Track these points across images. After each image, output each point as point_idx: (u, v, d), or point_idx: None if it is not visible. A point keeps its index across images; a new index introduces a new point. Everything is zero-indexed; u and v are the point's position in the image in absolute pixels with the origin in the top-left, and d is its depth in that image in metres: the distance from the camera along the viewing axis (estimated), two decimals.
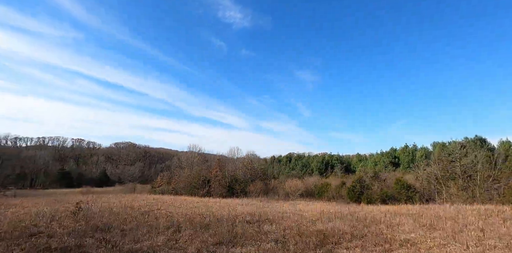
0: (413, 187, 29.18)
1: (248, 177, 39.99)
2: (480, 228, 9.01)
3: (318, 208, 18.63)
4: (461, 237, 7.81)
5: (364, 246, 7.17)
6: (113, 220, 9.91)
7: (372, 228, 9.45)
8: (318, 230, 9.03)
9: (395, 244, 7.35)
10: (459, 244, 7.12)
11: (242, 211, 14.95)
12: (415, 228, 9.39)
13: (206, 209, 16.49)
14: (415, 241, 7.67)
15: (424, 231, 8.84)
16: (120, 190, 45.81)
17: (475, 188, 25.67)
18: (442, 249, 6.82)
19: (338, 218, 11.81)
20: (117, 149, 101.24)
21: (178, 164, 48.95)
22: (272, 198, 34.09)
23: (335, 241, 7.69)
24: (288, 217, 12.46)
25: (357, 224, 10.36)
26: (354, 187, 30.42)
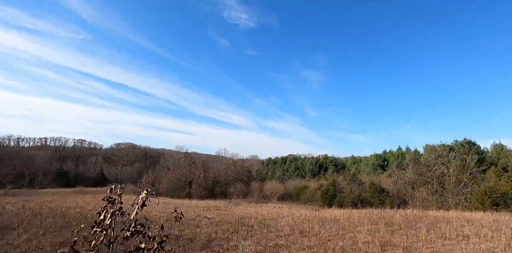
0: (386, 191, 28.81)
1: (230, 178, 40.13)
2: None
3: (267, 212, 18.71)
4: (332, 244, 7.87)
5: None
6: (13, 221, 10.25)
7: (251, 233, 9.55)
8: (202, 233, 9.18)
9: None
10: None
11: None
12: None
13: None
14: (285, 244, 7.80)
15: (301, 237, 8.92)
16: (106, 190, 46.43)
17: (444, 193, 25.19)
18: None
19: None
20: (117, 150, 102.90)
21: (164, 165, 49.55)
22: (251, 200, 34.17)
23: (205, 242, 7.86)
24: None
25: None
26: (328, 191, 30.21)
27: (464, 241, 8.38)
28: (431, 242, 8.21)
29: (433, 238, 8.66)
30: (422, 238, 8.59)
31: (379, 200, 28.22)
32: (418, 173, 29.66)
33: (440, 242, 8.17)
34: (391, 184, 30.46)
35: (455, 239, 8.58)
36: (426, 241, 8.23)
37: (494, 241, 8.18)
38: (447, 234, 9.15)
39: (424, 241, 8.29)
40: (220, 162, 44.40)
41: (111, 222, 2.61)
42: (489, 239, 8.44)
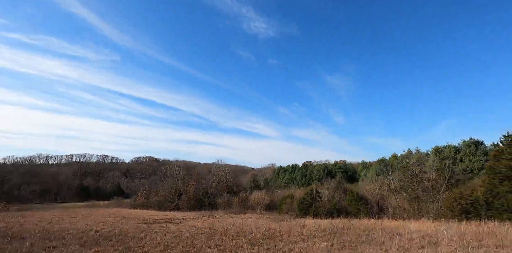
0: (365, 199, 27.08)
1: (219, 189, 40.21)
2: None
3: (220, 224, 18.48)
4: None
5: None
6: None
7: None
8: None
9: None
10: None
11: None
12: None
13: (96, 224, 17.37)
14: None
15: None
16: (108, 204, 48.77)
17: (420, 200, 23.12)
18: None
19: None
20: (137, 164, 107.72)
21: (160, 177, 50.94)
22: (237, 210, 33.84)
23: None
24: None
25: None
26: (304, 200, 29.10)
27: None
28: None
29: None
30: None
31: (356, 209, 26.58)
32: (401, 179, 27.65)
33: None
34: (371, 191, 28.57)
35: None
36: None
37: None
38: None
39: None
40: (212, 173, 44.70)
41: None
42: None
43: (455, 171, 36.41)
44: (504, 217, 17.36)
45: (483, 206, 18.40)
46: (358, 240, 9.45)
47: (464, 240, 8.91)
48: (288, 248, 8.40)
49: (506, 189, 17.61)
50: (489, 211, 18.17)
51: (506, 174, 18.41)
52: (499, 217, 17.60)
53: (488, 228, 12.95)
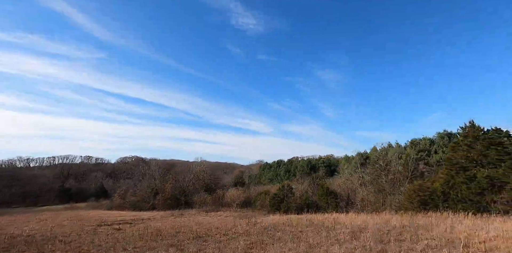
0: (335, 193, 27.05)
1: (197, 187, 39.75)
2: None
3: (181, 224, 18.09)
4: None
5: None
6: None
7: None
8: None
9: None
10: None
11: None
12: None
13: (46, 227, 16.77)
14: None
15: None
16: (85, 206, 47.84)
17: (385, 193, 23.18)
18: None
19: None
20: (123, 164, 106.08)
21: (138, 177, 50.24)
22: (211, 208, 33.49)
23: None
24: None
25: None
26: (276, 195, 28.93)
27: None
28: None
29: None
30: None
31: (325, 203, 26.56)
32: (371, 173, 27.71)
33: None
34: (341, 185, 28.61)
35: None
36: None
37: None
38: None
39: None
40: (190, 171, 44.11)
41: None
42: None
43: (430, 163, 36.96)
44: (458, 208, 17.49)
45: (440, 197, 18.48)
46: (283, 237, 9.20)
47: (389, 234, 8.75)
48: (201, 248, 8.07)
49: (461, 180, 17.71)
50: (445, 202, 18.25)
51: (462, 165, 18.53)
52: (455, 208, 17.73)
53: (433, 219, 12.92)
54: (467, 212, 16.68)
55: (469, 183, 17.27)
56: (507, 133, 17.48)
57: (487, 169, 17.38)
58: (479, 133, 18.18)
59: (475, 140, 18.07)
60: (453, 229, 9.57)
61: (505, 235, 7.86)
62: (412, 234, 8.52)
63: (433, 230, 9.44)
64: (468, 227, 10.24)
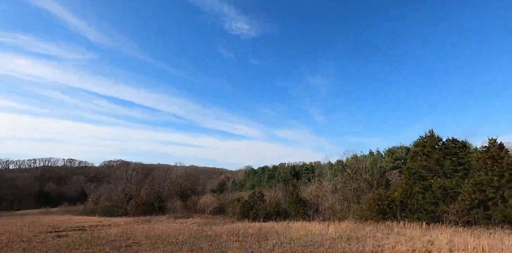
0: (304, 201, 26.86)
1: (172, 193, 39.11)
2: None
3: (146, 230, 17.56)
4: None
5: None
6: None
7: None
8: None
9: None
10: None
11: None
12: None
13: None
14: None
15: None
16: (57, 210, 46.57)
17: (350, 201, 23.11)
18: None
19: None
20: (107, 167, 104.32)
21: (115, 181, 49.31)
22: (182, 215, 32.85)
23: None
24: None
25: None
26: (246, 202, 28.58)
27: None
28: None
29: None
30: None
31: (295, 211, 26.34)
32: (342, 181, 27.67)
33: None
34: (312, 193, 28.45)
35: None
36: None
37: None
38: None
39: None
40: (166, 176, 43.45)
41: None
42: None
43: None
44: (414, 217, 17.50)
45: (398, 207, 18.48)
46: (205, 247, 8.95)
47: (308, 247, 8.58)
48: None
49: (417, 190, 17.76)
50: (403, 212, 18.26)
51: (420, 175, 18.62)
52: (412, 217, 17.73)
53: (380, 229, 12.81)
54: (421, 222, 16.75)
55: (425, 192, 17.34)
56: (462, 144, 17.66)
57: (442, 179, 17.50)
58: (436, 143, 18.34)
59: (432, 149, 18.22)
60: (380, 241, 9.46)
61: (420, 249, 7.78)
62: (330, 247, 8.36)
63: (361, 242, 9.31)
64: (402, 238, 10.15)
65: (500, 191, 14.38)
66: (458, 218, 15.16)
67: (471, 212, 15.17)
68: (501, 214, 14.01)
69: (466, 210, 15.27)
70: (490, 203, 14.69)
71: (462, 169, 16.72)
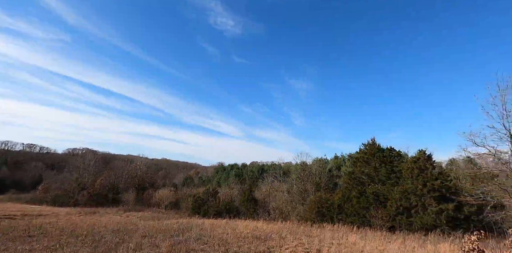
0: (255, 200, 27.19)
1: (129, 185, 38.14)
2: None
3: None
4: None
5: None
6: None
7: None
8: None
9: None
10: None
11: None
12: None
13: None
14: None
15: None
16: (4, 198, 43.97)
17: (296, 202, 23.70)
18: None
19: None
20: (71, 155, 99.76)
21: (69, 169, 47.48)
22: (133, 208, 32.06)
23: None
24: None
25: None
26: (199, 199, 28.47)
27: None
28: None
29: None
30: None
31: (246, 209, 26.62)
32: (295, 183, 28.27)
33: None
34: (265, 193, 28.86)
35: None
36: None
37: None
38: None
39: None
40: (126, 167, 42.22)
41: None
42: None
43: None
44: (348, 221, 18.21)
45: (336, 210, 19.15)
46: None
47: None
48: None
49: (354, 194, 18.44)
50: (339, 215, 18.95)
51: (359, 180, 19.35)
52: (347, 220, 18.45)
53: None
54: (353, 225, 17.50)
55: (360, 197, 18.08)
56: (397, 153, 18.58)
57: (378, 185, 18.33)
58: (376, 151, 19.16)
59: (371, 157, 19.02)
60: (282, 241, 9.76)
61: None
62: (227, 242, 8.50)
63: (267, 242, 9.55)
64: (316, 239, 10.53)
65: (422, 200, 15.30)
66: (384, 223, 15.96)
67: (396, 217, 16.03)
68: (420, 221, 14.92)
69: (392, 216, 16.12)
70: (413, 210, 15.58)
71: (394, 177, 17.60)
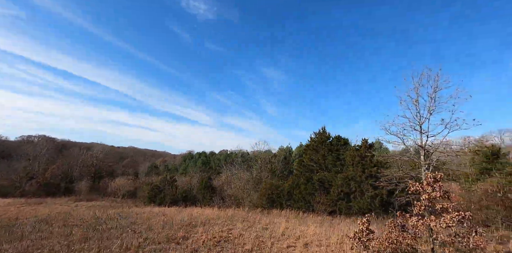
0: (212, 188, 27.30)
1: (83, 174, 36.43)
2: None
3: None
4: None
5: None
6: None
7: None
8: None
9: None
10: None
11: None
12: None
13: None
14: None
15: None
16: None
17: (248, 190, 24.15)
18: None
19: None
20: (24, 143, 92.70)
21: (16, 158, 44.37)
22: (85, 197, 30.77)
23: None
24: None
25: None
26: (156, 187, 27.99)
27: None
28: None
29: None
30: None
31: (202, 197, 26.68)
32: (251, 171, 28.68)
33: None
34: (224, 181, 29.05)
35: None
36: None
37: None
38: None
39: None
40: (80, 155, 40.17)
41: None
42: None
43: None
44: (296, 206, 18.90)
45: (285, 196, 19.76)
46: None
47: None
48: None
49: (302, 181, 19.07)
50: (288, 201, 19.59)
51: (309, 168, 19.98)
52: (295, 206, 19.14)
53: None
54: (299, 211, 18.24)
55: (307, 184, 18.77)
56: (344, 142, 19.39)
57: (325, 172, 19.10)
58: (325, 139, 19.84)
59: (320, 145, 19.68)
60: (225, 226, 9.90)
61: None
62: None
63: (207, 226, 9.63)
64: (247, 223, 10.78)
65: (361, 186, 16.21)
66: (326, 208, 16.77)
67: (338, 203, 16.90)
68: (358, 206, 15.85)
69: (334, 201, 16.96)
70: (352, 196, 16.50)
71: (339, 165, 18.42)
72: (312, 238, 8.40)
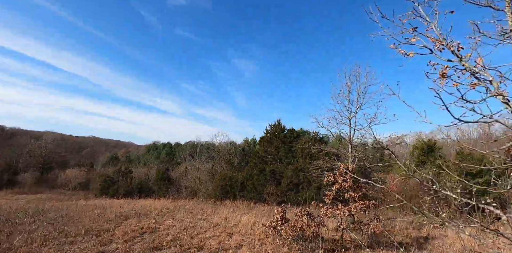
0: (169, 179, 26.84)
1: (31, 165, 33.83)
2: None
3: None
4: None
5: None
6: None
7: None
8: None
9: None
10: None
11: None
12: None
13: None
14: None
15: None
16: None
17: (201, 181, 24.11)
18: None
19: None
20: None
21: None
22: (28, 189, 28.67)
23: None
24: None
25: None
26: (109, 178, 26.87)
27: None
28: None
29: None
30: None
31: (158, 188, 26.14)
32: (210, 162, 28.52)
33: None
34: (182, 172, 28.65)
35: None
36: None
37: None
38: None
39: None
40: (27, 145, 37.20)
41: None
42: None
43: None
44: (248, 197, 19.18)
45: (238, 187, 19.96)
46: None
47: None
48: None
49: (255, 172, 19.33)
50: (241, 192, 19.83)
51: (263, 159, 20.26)
52: (247, 197, 19.42)
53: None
54: (251, 201, 18.56)
55: (259, 175, 19.08)
56: (297, 134, 19.90)
57: (278, 163, 19.52)
58: (279, 132, 20.20)
59: (275, 137, 20.02)
60: (173, 216, 9.74)
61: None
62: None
63: (152, 217, 9.40)
64: (189, 215, 10.72)
65: (309, 177, 16.80)
66: (275, 198, 17.22)
67: (287, 193, 17.42)
68: (304, 196, 16.45)
69: (284, 192, 17.46)
70: (300, 186, 17.08)
71: (291, 156, 18.91)
72: (244, 227, 8.57)
